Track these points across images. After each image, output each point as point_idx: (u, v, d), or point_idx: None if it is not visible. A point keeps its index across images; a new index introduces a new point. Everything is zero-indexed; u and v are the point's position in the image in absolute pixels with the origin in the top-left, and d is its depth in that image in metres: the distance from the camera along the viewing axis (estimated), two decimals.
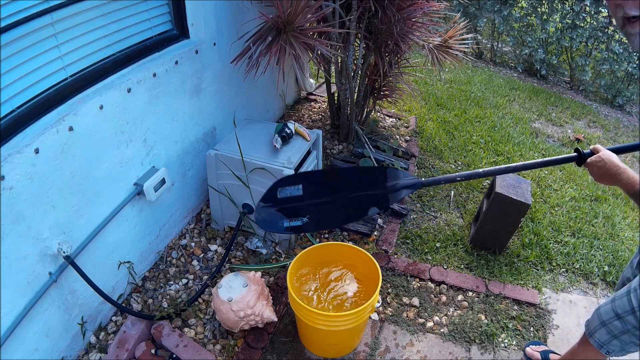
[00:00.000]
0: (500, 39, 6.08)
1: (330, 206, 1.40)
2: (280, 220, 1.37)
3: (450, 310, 2.10)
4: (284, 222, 1.37)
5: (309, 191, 1.38)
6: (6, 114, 1.34)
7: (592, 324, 1.45)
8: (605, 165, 1.27)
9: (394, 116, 3.73)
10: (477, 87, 4.77)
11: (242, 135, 2.18)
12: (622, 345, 1.38)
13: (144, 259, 2.06)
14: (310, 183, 1.41)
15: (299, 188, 1.37)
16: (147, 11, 1.85)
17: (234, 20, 2.30)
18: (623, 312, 1.32)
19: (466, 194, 2.90)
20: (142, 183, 1.85)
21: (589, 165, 1.32)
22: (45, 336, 1.55)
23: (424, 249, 2.41)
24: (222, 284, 1.80)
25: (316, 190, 1.40)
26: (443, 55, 2.93)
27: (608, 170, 1.26)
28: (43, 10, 1.37)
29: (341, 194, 1.40)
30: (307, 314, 1.60)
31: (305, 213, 1.37)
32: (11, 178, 1.28)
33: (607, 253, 2.54)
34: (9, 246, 1.32)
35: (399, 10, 2.43)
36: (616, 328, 1.36)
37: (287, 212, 1.37)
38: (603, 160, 1.28)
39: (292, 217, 1.37)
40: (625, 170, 1.23)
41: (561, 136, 4.01)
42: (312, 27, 2.23)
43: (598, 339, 1.42)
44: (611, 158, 1.27)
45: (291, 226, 1.37)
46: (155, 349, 1.78)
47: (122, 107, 1.69)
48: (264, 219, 1.38)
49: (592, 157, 1.32)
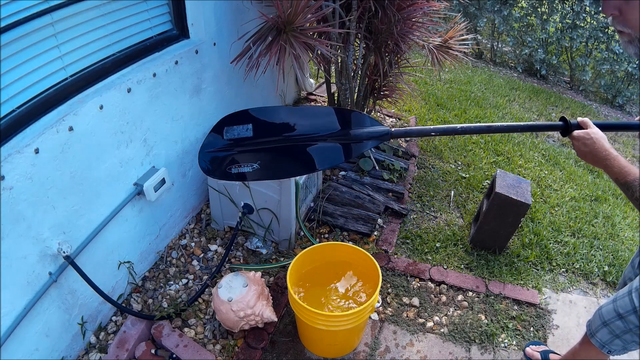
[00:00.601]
0: (500, 39, 6.08)
1: (284, 152, 1.23)
2: (228, 166, 1.23)
3: (450, 310, 2.10)
4: (231, 168, 1.23)
5: (260, 133, 1.21)
6: (6, 114, 1.34)
7: (593, 324, 1.45)
8: (594, 145, 1.23)
9: (394, 116, 3.73)
10: (477, 87, 4.77)
11: None
12: (624, 345, 1.38)
13: (144, 259, 2.06)
14: (262, 123, 1.23)
15: (248, 128, 1.21)
16: (147, 11, 1.85)
17: (234, 20, 2.30)
18: (625, 312, 1.32)
19: (466, 194, 2.90)
20: (142, 183, 1.85)
21: (575, 139, 1.27)
22: (45, 336, 1.55)
23: (424, 249, 2.41)
24: (222, 284, 1.80)
25: (269, 132, 1.23)
26: (443, 55, 2.93)
27: (597, 151, 1.22)
28: (43, 10, 1.37)
29: (298, 138, 1.23)
30: (307, 314, 1.60)
31: (256, 159, 1.22)
32: (11, 178, 1.28)
33: (607, 253, 2.54)
34: (9, 246, 1.32)
35: (399, 10, 2.43)
36: (618, 328, 1.36)
37: (234, 158, 1.23)
38: (592, 139, 1.23)
39: (241, 163, 1.22)
40: (617, 158, 1.20)
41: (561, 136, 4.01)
42: (312, 27, 2.23)
43: (600, 338, 1.42)
44: (601, 140, 1.23)
45: (239, 172, 1.22)
46: (155, 349, 1.78)
47: (122, 107, 1.69)
48: (208, 166, 1.25)
49: (580, 131, 1.27)
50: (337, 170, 2.88)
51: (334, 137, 1.23)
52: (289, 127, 1.24)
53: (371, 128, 1.24)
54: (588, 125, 1.28)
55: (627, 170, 1.17)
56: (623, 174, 1.17)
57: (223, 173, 1.23)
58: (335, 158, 1.26)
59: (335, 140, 1.24)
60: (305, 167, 1.32)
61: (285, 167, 1.29)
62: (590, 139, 1.24)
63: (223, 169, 1.23)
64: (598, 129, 1.26)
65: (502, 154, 3.41)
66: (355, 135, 1.24)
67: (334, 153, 1.24)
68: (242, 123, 1.23)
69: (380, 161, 2.90)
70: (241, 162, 1.22)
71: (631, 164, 1.18)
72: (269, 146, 1.22)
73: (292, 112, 1.38)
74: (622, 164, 1.19)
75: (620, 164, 1.19)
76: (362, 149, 1.26)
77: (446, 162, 3.21)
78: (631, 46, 0.97)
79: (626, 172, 1.17)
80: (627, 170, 1.17)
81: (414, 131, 1.26)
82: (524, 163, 3.32)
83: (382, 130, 1.24)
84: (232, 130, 1.22)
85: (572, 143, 1.29)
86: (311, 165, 1.30)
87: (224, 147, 1.23)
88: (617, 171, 1.18)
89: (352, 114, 1.27)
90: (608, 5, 0.97)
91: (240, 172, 1.21)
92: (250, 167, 1.21)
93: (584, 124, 1.29)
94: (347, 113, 1.28)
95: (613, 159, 1.20)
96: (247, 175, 1.22)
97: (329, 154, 1.24)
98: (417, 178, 2.99)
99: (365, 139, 1.24)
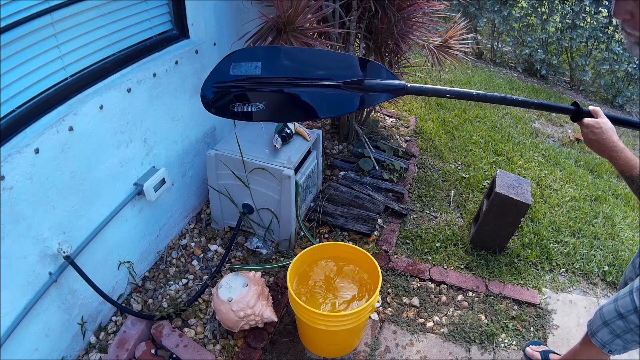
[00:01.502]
0: (500, 39, 6.08)
1: (292, 94, 1.17)
2: (231, 103, 1.17)
3: (450, 310, 2.10)
4: (235, 105, 1.17)
5: (269, 71, 1.15)
6: (6, 114, 1.34)
7: (594, 323, 1.45)
8: (602, 135, 1.22)
9: (394, 116, 3.73)
10: (477, 87, 4.77)
11: (242, 135, 2.18)
12: (625, 344, 1.38)
13: (144, 259, 2.07)
14: (271, 61, 1.17)
15: (257, 66, 1.16)
16: (147, 11, 1.85)
17: (234, 20, 2.30)
18: (626, 312, 1.32)
19: (466, 194, 2.90)
20: (142, 183, 1.85)
21: (585, 126, 1.26)
22: (45, 336, 1.55)
23: (424, 249, 2.41)
24: (222, 284, 1.80)
25: (278, 71, 1.17)
26: (443, 55, 2.93)
27: (604, 141, 1.22)
28: (43, 10, 1.37)
29: (309, 81, 1.17)
30: (307, 314, 1.60)
31: (262, 99, 1.16)
32: (11, 178, 1.28)
33: (607, 253, 2.54)
34: (9, 246, 1.32)
35: (399, 10, 2.44)
36: (619, 327, 1.36)
37: (240, 95, 1.17)
38: (602, 129, 1.23)
39: (245, 102, 1.17)
40: (624, 150, 1.20)
41: (561, 136, 4.02)
42: (312, 27, 2.23)
43: (600, 338, 1.42)
44: (610, 131, 1.23)
45: (243, 111, 1.16)
46: (155, 349, 1.78)
47: (122, 107, 1.69)
48: (210, 101, 1.18)
49: (591, 119, 1.26)
50: (337, 170, 2.88)
51: (349, 84, 1.20)
52: (301, 69, 1.19)
53: (387, 80, 1.20)
54: (599, 115, 1.28)
55: (633, 164, 1.17)
56: (629, 167, 1.17)
57: (226, 110, 1.17)
58: (347, 106, 1.23)
59: (349, 88, 1.20)
60: (315, 113, 1.25)
61: (294, 110, 1.23)
62: (599, 128, 1.23)
63: (226, 106, 1.17)
64: (608, 120, 1.26)
65: (502, 153, 3.41)
66: (370, 85, 1.20)
67: (347, 100, 1.21)
68: (252, 60, 1.17)
69: (380, 161, 2.90)
70: (246, 100, 1.16)
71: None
72: (277, 88, 1.16)
73: (306, 53, 1.32)
74: (629, 157, 1.19)
75: (627, 157, 1.19)
76: (376, 100, 1.22)
77: (446, 162, 3.21)
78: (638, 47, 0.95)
79: (632, 166, 1.17)
80: (633, 164, 1.17)
81: (430, 90, 1.20)
82: (524, 163, 3.32)
83: (398, 84, 1.19)
84: (239, 66, 1.16)
85: (580, 130, 1.29)
86: (321, 111, 1.24)
87: (230, 83, 1.17)
88: (623, 163, 1.19)
89: (368, 63, 1.23)
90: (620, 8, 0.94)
91: (245, 111, 1.16)
92: (256, 107, 1.16)
93: (595, 112, 1.29)
94: (364, 62, 1.23)
95: (620, 151, 1.20)
96: (253, 115, 1.16)
97: (342, 101, 1.21)
98: (417, 178, 2.99)
99: (380, 90, 1.20)
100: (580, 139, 3.93)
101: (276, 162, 2.04)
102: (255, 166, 2.05)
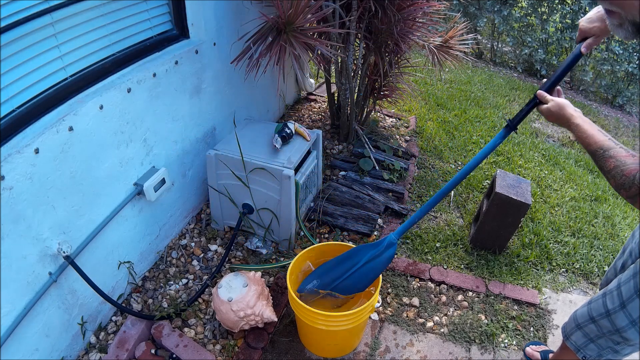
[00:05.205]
0: (500, 39, 6.08)
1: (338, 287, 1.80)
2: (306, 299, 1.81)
3: (450, 310, 2.10)
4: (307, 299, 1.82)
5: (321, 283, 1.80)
6: (6, 114, 1.34)
7: (568, 326, 1.44)
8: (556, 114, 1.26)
9: (394, 116, 3.73)
10: (477, 87, 4.77)
11: (242, 135, 2.18)
12: (599, 351, 1.36)
13: (144, 259, 2.07)
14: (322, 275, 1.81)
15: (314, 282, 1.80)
16: (147, 11, 1.85)
17: (234, 20, 2.30)
18: (597, 315, 1.30)
19: (466, 194, 2.90)
20: (142, 183, 1.85)
21: (541, 111, 1.32)
22: (45, 336, 1.55)
23: (424, 249, 2.41)
24: (222, 284, 1.80)
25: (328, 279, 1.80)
26: (444, 55, 2.93)
27: (561, 118, 1.24)
28: (43, 10, 1.37)
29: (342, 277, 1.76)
30: (307, 313, 1.60)
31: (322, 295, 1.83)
32: (11, 178, 1.28)
33: (607, 253, 2.54)
34: (9, 246, 1.32)
35: (399, 10, 2.43)
36: (592, 331, 1.34)
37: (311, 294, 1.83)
38: (549, 109, 1.27)
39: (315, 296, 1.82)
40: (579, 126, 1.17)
41: (561, 136, 4.02)
42: (312, 27, 2.23)
43: (574, 341, 1.41)
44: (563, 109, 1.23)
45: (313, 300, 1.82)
46: (155, 349, 1.78)
47: (122, 107, 1.69)
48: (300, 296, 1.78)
49: (543, 106, 1.31)
50: (337, 170, 2.88)
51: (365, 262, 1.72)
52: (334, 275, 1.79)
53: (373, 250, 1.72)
54: (547, 100, 1.30)
55: (589, 141, 1.12)
56: (586, 143, 1.13)
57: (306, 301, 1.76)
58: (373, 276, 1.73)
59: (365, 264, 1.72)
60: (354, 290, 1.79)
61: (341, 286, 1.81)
62: (547, 109, 1.29)
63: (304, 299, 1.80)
64: (556, 98, 1.28)
65: (502, 154, 3.41)
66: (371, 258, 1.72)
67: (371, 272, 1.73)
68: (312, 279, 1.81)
69: (381, 161, 2.90)
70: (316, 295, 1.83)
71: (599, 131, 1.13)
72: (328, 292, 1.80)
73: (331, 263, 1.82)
74: (585, 131, 1.14)
75: (583, 130, 1.15)
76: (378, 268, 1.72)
77: (446, 162, 3.21)
78: (621, 29, 0.86)
79: (588, 142, 1.12)
80: (589, 141, 1.12)
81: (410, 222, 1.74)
82: (524, 163, 3.32)
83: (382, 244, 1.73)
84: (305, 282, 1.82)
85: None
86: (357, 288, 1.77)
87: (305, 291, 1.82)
88: (580, 136, 1.16)
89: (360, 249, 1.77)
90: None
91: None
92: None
93: (542, 97, 1.32)
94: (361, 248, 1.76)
95: (575, 126, 1.18)
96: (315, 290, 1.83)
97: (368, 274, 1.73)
98: (417, 178, 2.99)
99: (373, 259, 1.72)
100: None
101: (276, 162, 2.04)
102: (255, 166, 2.05)
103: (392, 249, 1.69)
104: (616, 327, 1.26)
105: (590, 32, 1.32)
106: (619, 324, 1.24)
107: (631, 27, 0.82)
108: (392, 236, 1.71)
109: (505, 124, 1.48)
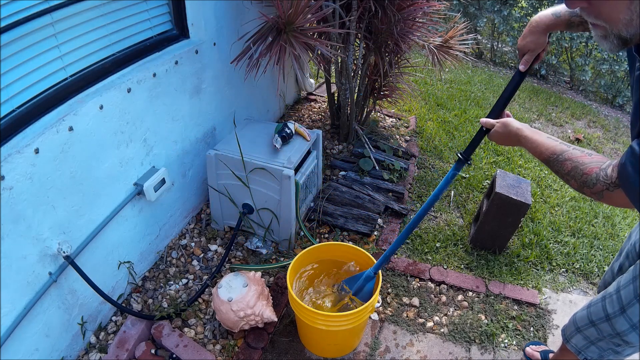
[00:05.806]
0: (500, 39, 6.08)
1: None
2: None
3: (450, 310, 2.10)
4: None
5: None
6: (6, 114, 1.34)
7: (568, 329, 1.43)
8: (503, 134, 1.23)
9: (394, 116, 3.73)
10: (477, 87, 4.77)
11: (242, 135, 2.18)
12: (600, 352, 1.36)
13: (144, 259, 2.07)
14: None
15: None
16: (147, 11, 1.85)
17: (234, 20, 2.30)
18: (597, 319, 1.30)
19: (466, 194, 2.90)
20: (142, 183, 1.85)
21: (490, 136, 1.30)
22: (45, 336, 1.55)
23: (424, 249, 2.41)
24: (222, 284, 1.80)
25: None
26: (444, 55, 2.93)
27: (509, 137, 1.22)
28: (43, 10, 1.37)
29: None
30: (307, 314, 1.60)
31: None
32: (11, 178, 1.28)
33: (607, 253, 2.54)
34: (9, 246, 1.32)
35: (399, 10, 2.43)
36: (592, 334, 1.34)
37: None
38: (496, 131, 1.25)
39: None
40: (527, 138, 1.15)
41: (561, 136, 4.01)
42: (312, 27, 2.23)
43: (575, 344, 1.40)
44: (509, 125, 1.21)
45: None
46: (155, 349, 1.78)
47: (122, 107, 1.69)
48: None
49: (490, 131, 1.29)
50: (337, 170, 2.88)
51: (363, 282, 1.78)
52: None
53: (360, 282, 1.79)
54: (492, 124, 1.28)
55: (540, 149, 1.10)
56: (538, 152, 1.11)
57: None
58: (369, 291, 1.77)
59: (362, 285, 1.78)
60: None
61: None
62: (495, 132, 1.26)
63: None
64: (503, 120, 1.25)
65: (502, 154, 3.41)
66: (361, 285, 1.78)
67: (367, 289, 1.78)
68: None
69: (380, 161, 2.90)
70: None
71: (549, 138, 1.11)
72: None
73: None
74: (535, 140, 1.12)
75: (532, 141, 1.13)
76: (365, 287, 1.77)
77: (446, 162, 3.21)
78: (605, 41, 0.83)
79: (540, 151, 1.10)
80: (541, 149, 1.10)
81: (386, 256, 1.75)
82: (524, 163, 3.32)
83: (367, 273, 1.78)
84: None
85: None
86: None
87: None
88: (531, 148, 1.13)
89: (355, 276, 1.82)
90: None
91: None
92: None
93: (487, 124, 1.30)
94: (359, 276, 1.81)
95: (524, 138, 1.15)
96: None
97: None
98: (417, 178, 2.99)
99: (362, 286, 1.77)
100: (580, 139, 3.93)
101: (276, 162, 2.04)
102: (255, 166, 2.05)
103: (371, 283, 1.75)
104: (616, 331, 1.26)
105: (525, 48, 1.29)
106: (619, 328, 1.24)
107: (616, 40, 0.80)
108: (370, 271, 1.75)
109: (457, 158, 1.43)
